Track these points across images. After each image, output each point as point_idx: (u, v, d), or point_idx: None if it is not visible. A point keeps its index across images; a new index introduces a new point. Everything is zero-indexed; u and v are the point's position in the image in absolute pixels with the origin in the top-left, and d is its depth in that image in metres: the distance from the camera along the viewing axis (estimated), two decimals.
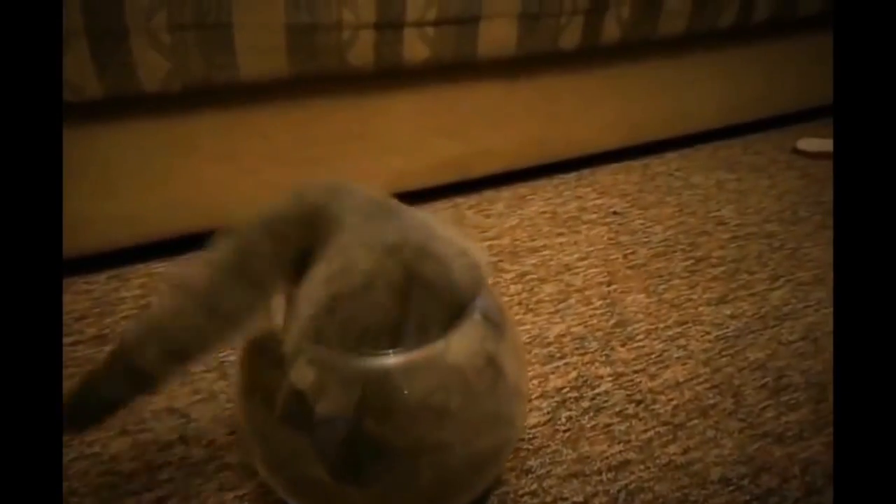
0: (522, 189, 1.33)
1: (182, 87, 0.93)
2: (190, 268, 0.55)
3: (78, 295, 0.94)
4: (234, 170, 1.08)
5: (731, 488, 0.65)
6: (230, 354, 0.86)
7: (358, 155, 1.16)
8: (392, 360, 0.52)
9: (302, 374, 0.56)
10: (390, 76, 1.13)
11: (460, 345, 0.53)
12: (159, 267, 1.02)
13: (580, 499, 0.64)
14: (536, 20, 1.16)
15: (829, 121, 1.68)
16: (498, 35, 1.14)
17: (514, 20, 1.14)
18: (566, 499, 0.64)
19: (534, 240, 1.13)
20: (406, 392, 0.53)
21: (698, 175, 1.37)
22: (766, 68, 1.51)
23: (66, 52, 0.83)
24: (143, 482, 0.67)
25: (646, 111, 1.40)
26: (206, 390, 0.80)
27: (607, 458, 0.69)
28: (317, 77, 1.04)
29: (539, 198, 1.29)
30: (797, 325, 0.89)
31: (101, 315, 0.91)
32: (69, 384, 0.52)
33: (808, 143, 1.47)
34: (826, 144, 1.46)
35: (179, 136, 1.01)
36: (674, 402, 0.76)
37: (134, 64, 0.88)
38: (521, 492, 0.65)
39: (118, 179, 0.99)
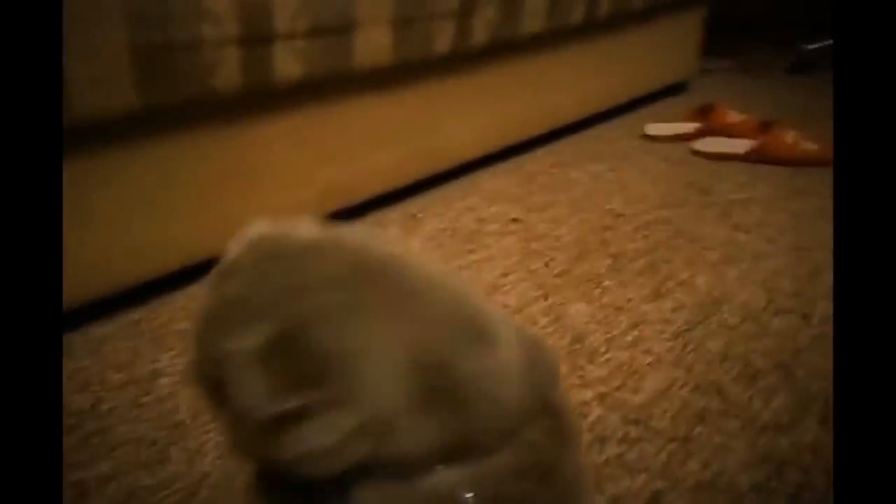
0: (410, 207, 1.24)
1: None
2: None
3: None
4: (78, 229, 0.85)
5: (764, 493, 0.63)
6: (139, 479, 0.66)
7: (232, 195, 0.98)
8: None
9: None
10: (261, 99, 0.97)
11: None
12: None
13: None
14: (410, 24, 1.07)
15: (665, 104, 1.81)
16: (373, 42, 1.03)
17: (388, 25, 1.04)
18: None
19: (447, 261, 1.04)
20: None
21: (573, 170, 1.38)
22: (610, 60, 1.58)
23: None
24: None
25: (516, 111, 1.39)
26: None
27: (636, 493, 0.63)
28: (175, 107, 0.86)
29: (431, 214, 1.20)
30: (733, 307, 0.91)
31: None
32: None
33: (655, 129, 1.56)
34: (670, 128, 1.56)
35: None
36: (668, 414, 0.73)
37: None
38: None
39: None
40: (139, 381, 0.81)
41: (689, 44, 1.89)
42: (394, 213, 1.22)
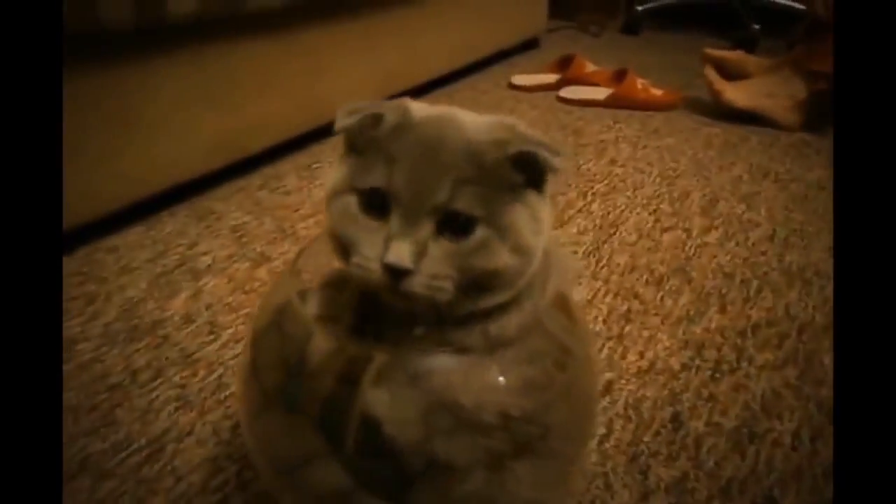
0: (302, 158, 1.21)
1: None
2: None
3: None
4: None
5: (693, 370, 0.72)
6: (89, 444, 0.61)
7: (119, 145, 0.90)
8: (456, 361, 0.43)
9: (378, 398, 0.42)
10: (151, 37, 0.89)
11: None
12: None
13: (603, 430, 0.64)
14: None
15: (524, 57, 1.91)
16: None
17: None
18: (594, 434, 0.63)
19: None
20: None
21: None
22: (472, 15, 1.63)
23: None
24: None
25: (392, 63, 1.39)
26: None
27: None
28: None
29: (325, 163, 1.18)
30: (628, 228, 1.02)
31: None
32: None
33: (521, 79, 1.65)
34: (535, 79, 1.66)
35: None
36: (600, 318, 0.80)
37: None
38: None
39: None
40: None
41: (538, 3, 2.01)
42: (288, 164, 1.18)
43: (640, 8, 2.37)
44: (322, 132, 1.26)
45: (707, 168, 1.24)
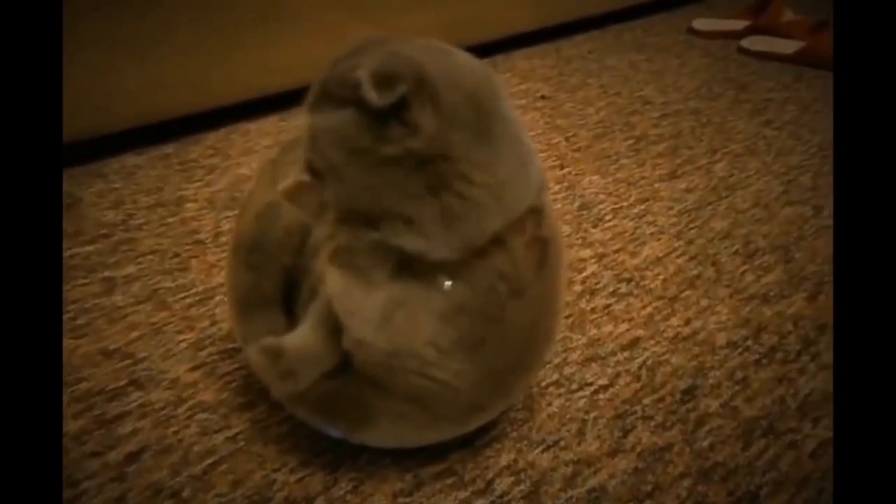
0: None
1: None
2: None
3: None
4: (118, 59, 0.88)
5: (738, 350, 0.66)
6: (161, 281, 0.72)
7: (267, 42, 1.00)
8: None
9: (332, 276, 0.46)
10: None
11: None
12: None
13: (605, 381, 0.62)
14: None
15: (717, 1, 1.72)
16: None
17: None
18: (591, 383, 0.62)
19: None
20: None
21: (611, 57, 1.35)
22: None
23: None
24: (100, 440, 0.55)
25: None
26: (145, 325, 0.67)
27: (616, 337, 0.67)
28: None
29: None
30: (746, 194, 0.91)
31: None
32: None
33: (703, 24, 1.50)
34: (718, 24, 1.49)
35: None
36: (661, 277, 0.75)
37: None
38: (543, 383, 0.61)
39: None
40: (167, 203, 0.86)
41: None
42: None
43: None
44: None
45: None
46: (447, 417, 0.49)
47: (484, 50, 1.30)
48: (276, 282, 0.49)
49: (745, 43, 1.40)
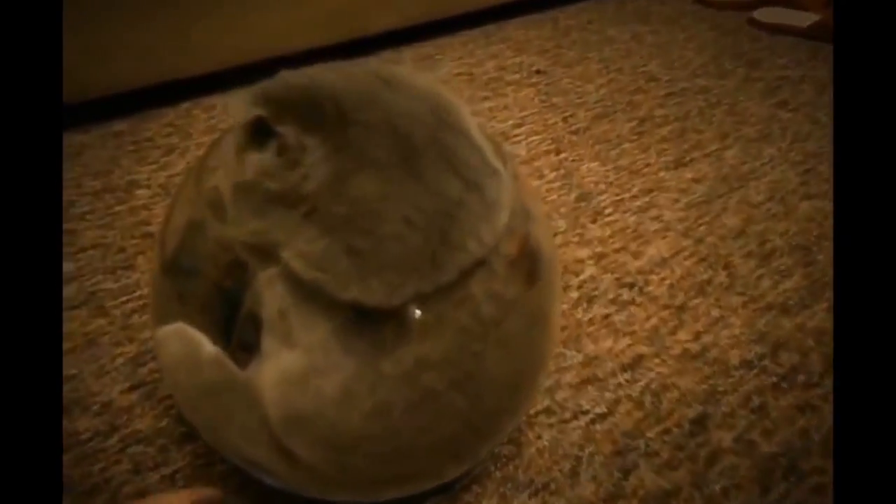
0: (426, 48, 1.14)
1: None
2: None
3: None
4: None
5: (754, 371, 0.58)
6: (101, 282, 0.64)
7: (230, 12, 0.89)
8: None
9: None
10: None
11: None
12: None
13: (602, 408, 0.54)
14: None
15: None
16: None
17: None
18: (587, 411, 0.54)
19: None
20: None
21: (612, 28, 1.25)
22: None
23: None
24: None
25: None
26: (78, 335, 0.58)
27: (617, 355, 0.59)
28: None
29: (448, 58, 1.10)
30: (760, 185, 0.83)
31: None
32: None
33: None
34: None
35: None
36: (667, 282, 0.67)
37: None
38: (533, 411, 0.53)
39: None
40: (115, 189, 0.77)
41: None
42: (407, 52, 1.12)
43: None
44: (456, 22, 1.17)
45: None
46: (418, 475, 0.41)
47: (476, 18, 1.20)
48: (202, 300, 0.40)
49: (757, 14, 1.30)
